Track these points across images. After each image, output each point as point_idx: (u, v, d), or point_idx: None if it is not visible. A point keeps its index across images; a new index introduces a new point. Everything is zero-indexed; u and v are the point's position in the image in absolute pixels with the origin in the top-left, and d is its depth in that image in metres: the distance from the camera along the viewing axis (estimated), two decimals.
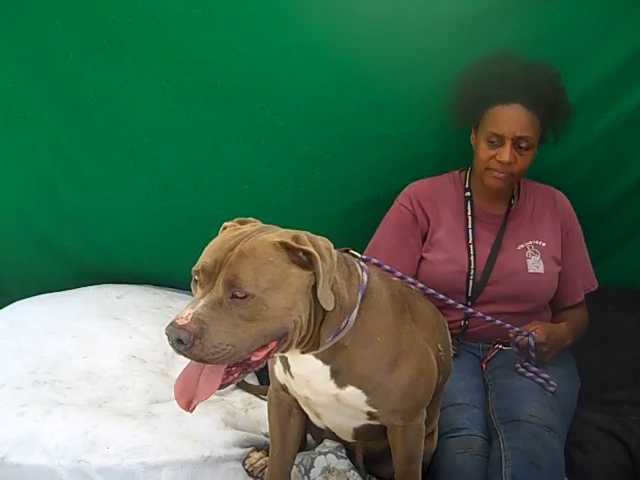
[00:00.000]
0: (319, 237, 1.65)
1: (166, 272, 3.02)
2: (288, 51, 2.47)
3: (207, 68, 2.51)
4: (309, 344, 1.67)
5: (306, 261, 1.58)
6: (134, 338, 2.58)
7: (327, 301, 1.59)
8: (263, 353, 1.59)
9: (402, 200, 2.56)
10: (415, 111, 2.57)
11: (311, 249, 1.57)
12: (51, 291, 2.87)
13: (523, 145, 2.33)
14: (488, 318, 2.29)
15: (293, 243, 1.58)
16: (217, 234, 1.69)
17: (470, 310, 2.32)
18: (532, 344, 2.29)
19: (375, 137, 2.62)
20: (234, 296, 1.51)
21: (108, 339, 2.54)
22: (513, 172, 2.37)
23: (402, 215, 2.54)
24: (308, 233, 1.64)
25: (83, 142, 2.70)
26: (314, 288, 1.59)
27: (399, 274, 2.12)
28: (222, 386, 1.60)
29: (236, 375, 1.60)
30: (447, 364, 2.05)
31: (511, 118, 2.32)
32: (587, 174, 2.75)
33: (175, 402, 2.32)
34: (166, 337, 1.50)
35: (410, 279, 2.15)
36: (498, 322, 2.31)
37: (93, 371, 2.41)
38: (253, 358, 1.59)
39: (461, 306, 2.29)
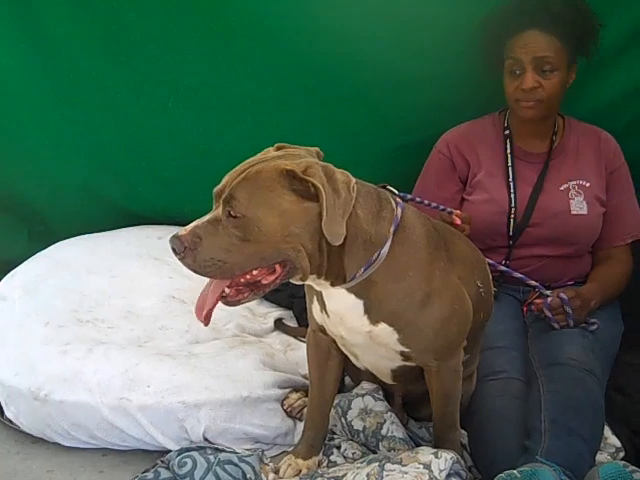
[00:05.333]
0: (339, 170, 1.64)
1: None
2: None
3: (251, 9, 2.50)
4: (332, 275, 1.70)
5: (314, 193, 1.59)
6: (174, 278, 2.60)
7: (333, 235, 1.60)
8: (272, 277, 1.67)
9: (440, 147, 2.52)
10: (457, 55, 2.51)
11: (316, 182, 1.57)
12: (93, 232, 2.89)
13: (546, 68, 2.27)
14: (518, 275, 2.29)
15: (299, 173, 1.58)
16: None
17: (503, 268, 2.28)
18: (565, 297, 2.24)
19: (416, 80, 2.56)
20: (230, 215, 1.59)
21: (148, 279, 2.57)
22: (541, 98, 2.30)
23: (440, 163, 2.51)
24: (329, 165, 1.64)
25: (126, 85, 2.70)
26: None
27: (434, 204, 2.14)
28: (231, 303, 1.69)
29: (246, 295, 1.69)
30: (488, 300, 2.03)
31: (528, 42, 2.27)
32: (636, 117, 2.62)
33: (215, 343, 2.38)
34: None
35: (449, 208, 2.15)
36: (531, 282, 2.31)
37: (133, 311, 2.45)
38: (263, 281, 1.67)
39: (491, 262, 2.19)
